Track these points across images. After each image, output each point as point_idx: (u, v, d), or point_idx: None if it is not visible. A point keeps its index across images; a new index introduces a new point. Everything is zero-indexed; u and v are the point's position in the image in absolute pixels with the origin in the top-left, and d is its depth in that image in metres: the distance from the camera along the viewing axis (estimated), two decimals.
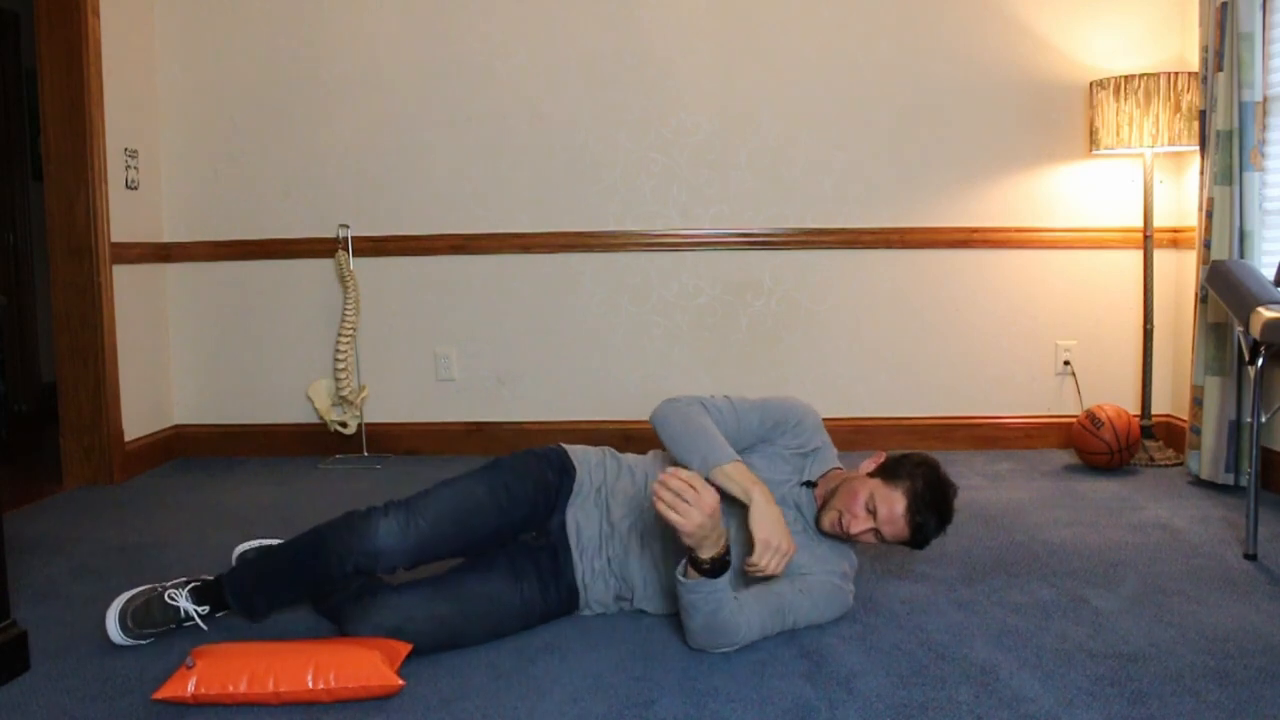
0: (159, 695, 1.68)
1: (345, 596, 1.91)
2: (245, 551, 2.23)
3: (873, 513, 1.91)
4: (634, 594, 2.05)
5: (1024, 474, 3.27)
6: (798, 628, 1.96)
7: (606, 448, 2.20)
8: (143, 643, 1.96)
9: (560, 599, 2.03)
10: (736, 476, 1.84)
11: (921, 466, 1.96)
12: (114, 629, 1.94)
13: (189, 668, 1.68)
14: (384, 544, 1.85)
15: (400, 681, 1.64)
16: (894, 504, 1.91)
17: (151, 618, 1.96)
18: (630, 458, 2.17)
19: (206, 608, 2.00)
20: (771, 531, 1.78)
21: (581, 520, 2.04)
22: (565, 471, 2.08)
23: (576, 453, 2.13)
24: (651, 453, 2.19)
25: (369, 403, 3.68)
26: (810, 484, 2.05)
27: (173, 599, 1.98)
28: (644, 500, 2.03)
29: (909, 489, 1.92)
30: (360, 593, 1.90)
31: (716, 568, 1.75)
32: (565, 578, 2.02)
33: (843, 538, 1.97)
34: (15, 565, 1.93)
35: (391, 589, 1.88)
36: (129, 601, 1.97)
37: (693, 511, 1.66)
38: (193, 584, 2.02)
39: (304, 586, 1.95)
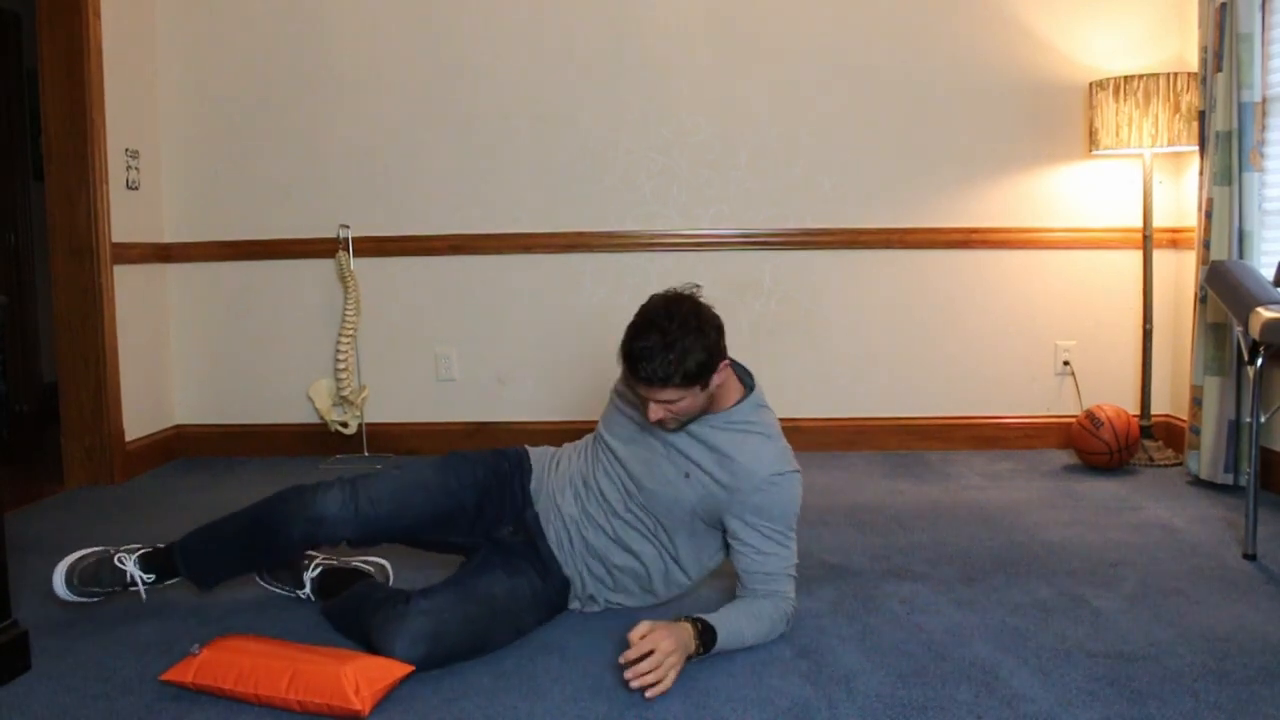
0: (165, 677, 1.76)
1: (372, 609, 1.90)
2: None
3: (644, 397, 1.87)
4: (612, 565, 2.04)
5: (1024, 474, 3.27)
6: (793, 527, 1.94)
7: (549, 446, 2.24)
8: (87, 600, 2.02)
9: (557, 589, 2.05)
10: None
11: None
12: (60, 583, 1.99)
13: (194, 654, 1.75)
14: (327, 510, 1.93)
15: (363, 709, 1.64)
16: (635, 381, 1.86)
17: (99, 579, 2.01)
18: (562, 450, 2.20)
19: (153, 576, 2.03)
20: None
21: (542, 511, 2.08)
22: (523, 467, 2.13)
23: (534, 452, 2.18)
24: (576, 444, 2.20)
25: (369, 403, 3.68)
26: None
27: (121, 563, 2.02)
28: (575, 478, 2.08)
29: (625, 359, 1.87)
30: (387, 602, 1.89)
31: (710, 643, 1.78)
32: (553, 568, 2.04)
33: (667, 424, 1.91)
34: (16, 565, 1.93)
35: (421, 594, 1.88)
36: (80, 559, 2.02)
37: (668, 666, 1.68)
38: (143, 550, 2.05)
39: (253, 553, 2.01)
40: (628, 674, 1.67)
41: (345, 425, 3.58)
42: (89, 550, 2.05)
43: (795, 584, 1.95)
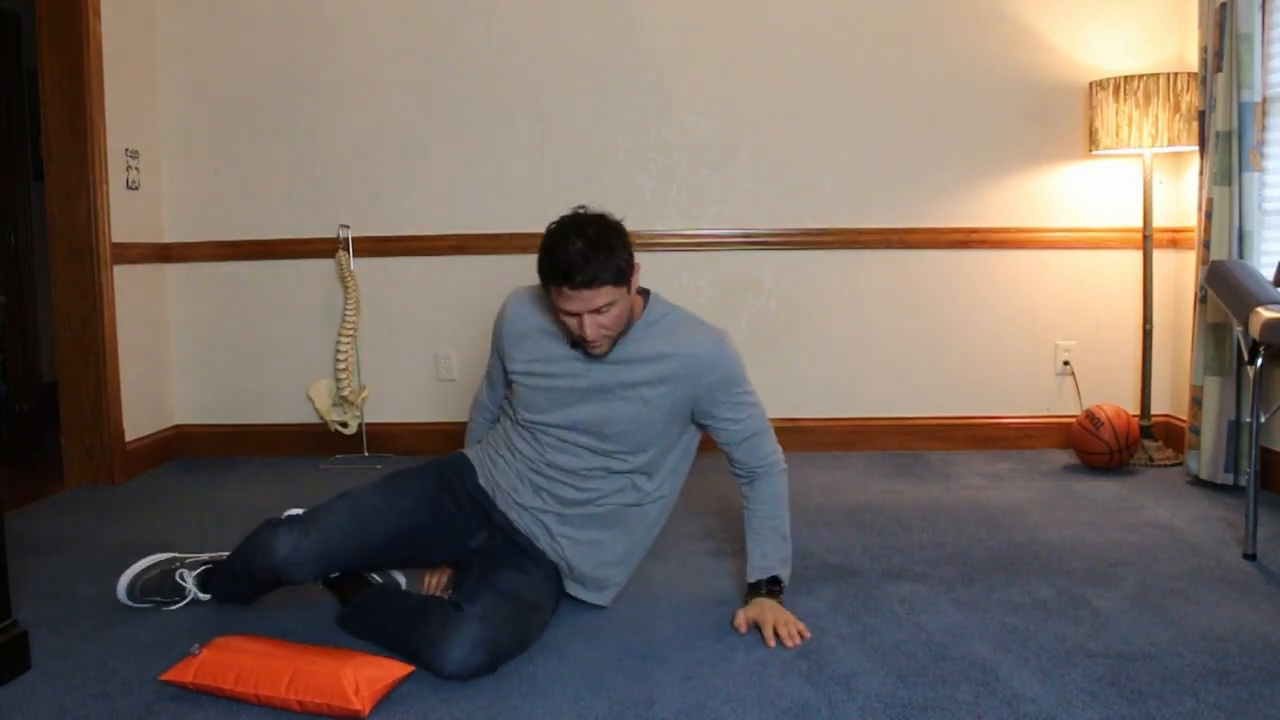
0: (165, 677, 1.76)
1: (410, 619, 1.90)
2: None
3: (570, 313, 1.86)
4: (595, 521, 2.05)
5: (1024, 474, 3.27)
6: (749, 381, 2.06)
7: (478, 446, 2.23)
8: (145, 607, 2.14)
9: (551, 575, 2.06)
10: None
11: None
12: (123, 592, 2.13)
13: (194, 654, 1.75)
14: (282, 557, 1.93)
15: (363, 709, 1.64)
16: (556, 293, 1.84)
17: (161, 590, 2.14)
18: (487, 448, 2.18)
19: (209, 595, 2.15)
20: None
21: (507, 509, 2.08)
22: (465, 469, 2.13)
23: (469, 453, 2.18)
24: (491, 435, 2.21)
25: (369, 403, 3.68)
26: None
27: (182, 579, 2.14)
28: (524, 470, 2.06)
29: (542, 267, 1.88)
30: (432, 612, 1.88)
31: (776, 582, 2.04)
32: (539, 559, 2.05)
33: (590, 343, 1.91)
34: (16, 565, 1.94)
35: (464, 600, 1.87)
36: (144, 571, 2.15)
37: (790, 621, 1.97)
38: (205, 567, 2.17)
39: (248, 588, 2.08)
40: (786, 644, 1.92)
41: (345, 425, 3.58)
42: (154, 561, 2.17)
43: (773, 434, 2.08)
